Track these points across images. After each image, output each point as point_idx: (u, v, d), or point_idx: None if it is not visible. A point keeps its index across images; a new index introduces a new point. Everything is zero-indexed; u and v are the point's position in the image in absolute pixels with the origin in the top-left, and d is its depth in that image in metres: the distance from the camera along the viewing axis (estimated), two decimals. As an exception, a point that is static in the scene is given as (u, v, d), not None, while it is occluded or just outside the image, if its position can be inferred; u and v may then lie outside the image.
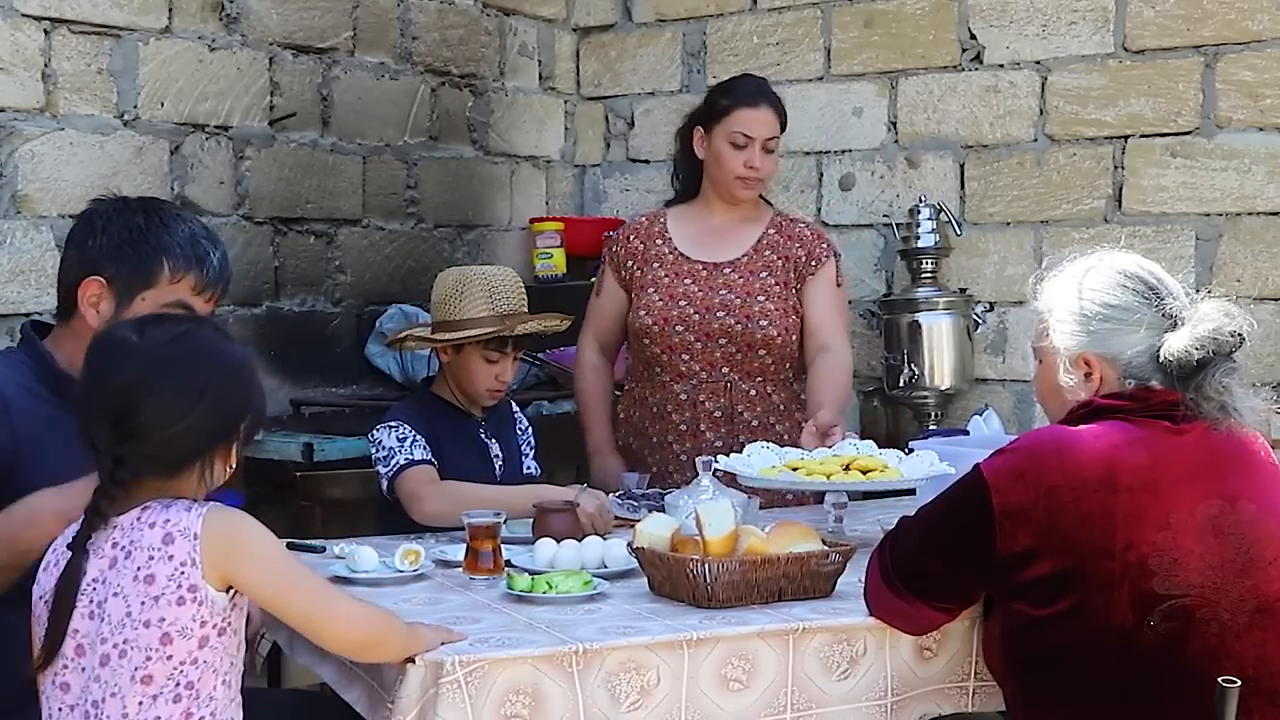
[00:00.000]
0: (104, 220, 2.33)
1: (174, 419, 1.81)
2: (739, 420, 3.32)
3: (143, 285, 2.29)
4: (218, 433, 1.87)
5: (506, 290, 3.03)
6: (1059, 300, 2.18)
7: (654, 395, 3.38)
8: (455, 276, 3.08)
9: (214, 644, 1.78)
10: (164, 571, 1.75)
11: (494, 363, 3.01)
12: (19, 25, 3.40)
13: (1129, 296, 2.12)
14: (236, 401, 1.89)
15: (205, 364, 1.87)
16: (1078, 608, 1.97)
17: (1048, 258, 4.27)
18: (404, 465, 2.88)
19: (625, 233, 3.51)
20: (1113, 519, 1.96)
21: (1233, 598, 1.96)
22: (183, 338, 1.88)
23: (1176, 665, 1.95)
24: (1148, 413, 2.05)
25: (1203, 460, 2.02)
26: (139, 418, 1.81)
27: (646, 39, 5.05)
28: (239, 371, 1.91)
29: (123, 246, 2.29)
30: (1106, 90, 4.28)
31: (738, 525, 2.25)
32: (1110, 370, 2.11)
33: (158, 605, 1.75)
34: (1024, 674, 2.07)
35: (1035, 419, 4.32)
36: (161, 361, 1.84)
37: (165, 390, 1.82)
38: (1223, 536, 1.98)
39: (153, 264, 2.29)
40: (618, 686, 1.96)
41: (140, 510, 1.79)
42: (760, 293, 3.33)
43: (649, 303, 3.35)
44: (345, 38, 4.23)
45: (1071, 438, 2.05)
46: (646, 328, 3.35)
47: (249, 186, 3.95)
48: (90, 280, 2.28)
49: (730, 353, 3.32)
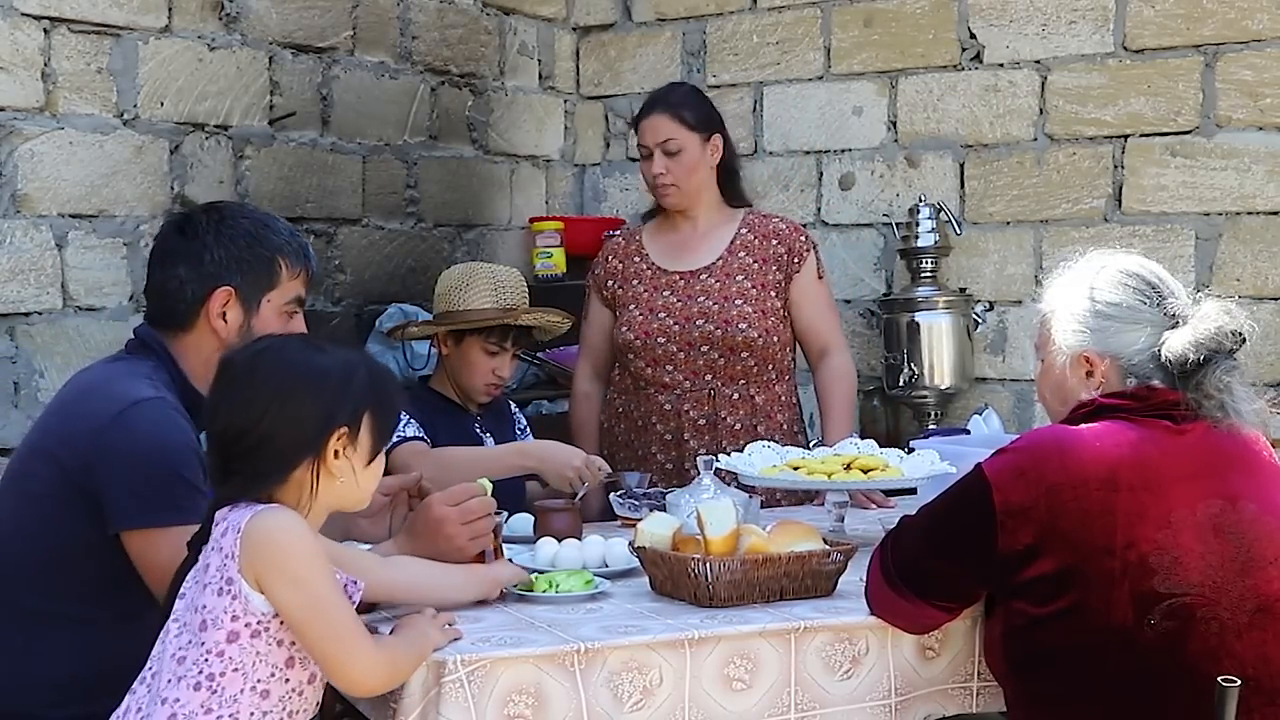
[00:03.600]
0: (211, 232, 2.35)
1: (246, 427, 1.85)
2: (723, 426, 3.33)
3: (268, 288, 2.35)
4: (300, 442, 1.86)
5: (510, 285, 3.10)
6: (1061, 300, 2.18)
7: (638, 408, 3.39)
8: (460, 270, 3.16)
9: (244, 644, 1.79)
10: (215, 562, 1.82)
11: (494, 355, 3.06)
12: (18, 24, 3.40)
13: (1130, 295, 2.12)
14: (316, 410, 1.87)
15: (275, 375, 1.88)
16: (1078, 606, 1.97)
17: (1047, 257, 4.35)
18: (396, 442, 2.91)
19: (604, 254, 3.55)
20: (1113, 517, 1.96)
21: (1233, 597, 1.97)
22: (263, 352, 1.93)
23: (1176, 664, 1.95)
24: (1149, 412, 2.05)
25: (1203, 459, 2.03)
26: (215, 427, 1.89)
27: (646, 38, 5.05)
28: (315, 380, 1.89)
29: (242, 254, 2.34)
30: (1106, 90, 4.28)
31: (739, 524, 2.25)
32: (1112, 369, 2.12)
33: (204, 592, 1.81)
34: (1024, 673, 2.08)
35: (1035, 418, 4.33)
36: (238, 376, 1.91)
37: (237, 401, 1.87)
38: (1223, 535, 1.99)
39: (272, 265, 2.36)
40: (620, 686, 1.96)
41: (229, 509, 1.85)
42: (738, 296, 3.34)
43: (630, 319, 3.37)
44: (345, 37, 4.22)
45: (1073, 437, 2.05)
46: (629, 343, 3.36)
47: (249, 186, 3.94)
48: (219, 291, 2.32)
49: (712, 359, 3.33)
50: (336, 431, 1.88)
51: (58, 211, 3.49)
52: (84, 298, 3.53)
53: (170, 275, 2.35)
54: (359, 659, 1.83)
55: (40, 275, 3.45)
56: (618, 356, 3.45)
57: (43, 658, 2.19)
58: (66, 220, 3.51)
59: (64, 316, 3.50)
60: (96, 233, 3.56)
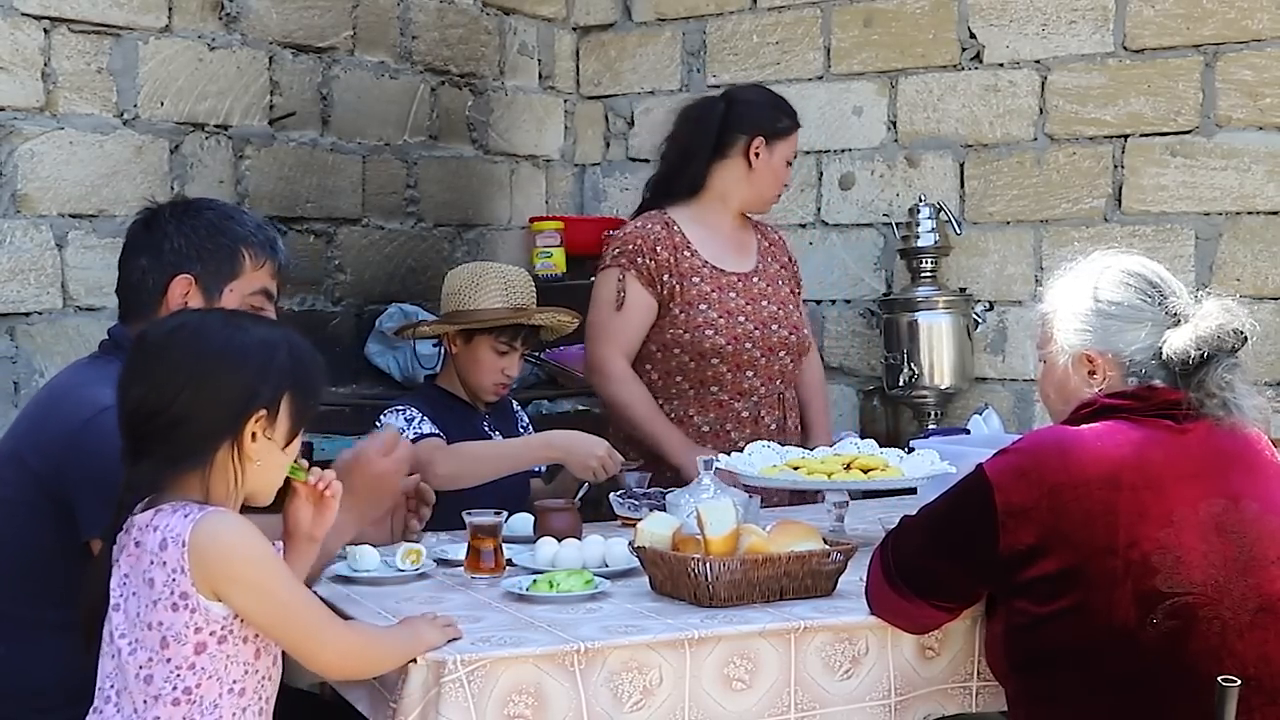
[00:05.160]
0: (173, 222, 2.34)
1: (159, 407, 1.77)
2: (788, 430, 3.39)
3: (229, 277, 2.32)
4: (216, 424, 1.79)
5: (520, 285, 3.12)
6: (1063, 300, 2.18)
7: (704, 414, 3.31)
8: (470, 269, 3.18)
9: (213, 651, 1.76)
10: (160, 577, 1.75)
11: (503, 354, 3.08)
12: (19, 24, 3.40)
13: (1132, 295, 2.12)
14: (233, 391, 1.79)
15: (190, 353, 1.80)
16: (1080, 605, 1.97)
17: (1047, 257, 4.35)
18: (414, 439, 2.92)
19: (647, 244, 3.29)
20: (1116, 517, 1.96)
21: (1235, 596, 1.97)
22: (178, 329, 1.85)
23: (1178, 663, 1.95)
24: (1151, 411, 2.06)
25: (1205, 459, 2.03)
26: (126, 406, 1.81)
27: (646, 38, 5.05)
28: (233, 359, 1.80)
29: (203, 243, 2.32)
30: (1106, 89, 4.28)
31: (739, 524, 2.25)
32: (1113, 368, 2.12)
33: (156, 609, 1.75)
34: (1025, 672, 2.07)
35: (1035, 418, 4.33)
36: (151, 352, 1.83)
37: (148, 381, 1.80)
38: (1225, 535, 1.99)
39: (235, 255, 2.33)
40: (620, 686, 1.96)
41: (153, 513, 1.78)
42: (789, 301, 3.45)
43: (710, 320, 3.28)
44: (345, 37, 4.22)
45: (1074, 437, 2.05)
46: (719, 347, 3.27)
47: (249, 186, 3.95)
48: (179, 279, 2.30)
49: (785, 365, 3.39)
50: (254, 414, 1.80)
51: (58, 211, 3.49)
52: (84, 297, 3.54)
53: (134, 266, 2.35)
54: (331, 645, 1.84)
55: (40, 275, 3.45)
56: (684, 359, 3.31)
57: (25, 665, 2.17)
58: (66, 220, 3.51)
59: (64, 316, 3.50)
60: (96, 232, 3.56)
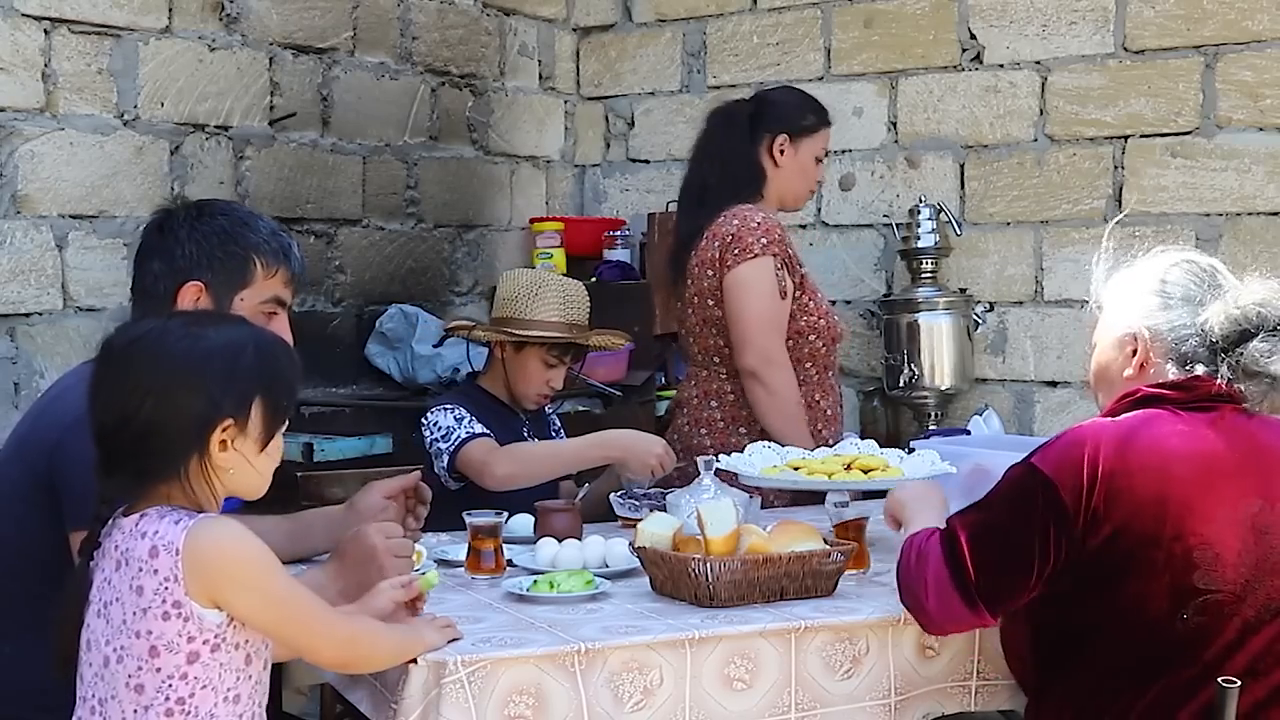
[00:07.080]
0: (186, 227, 2.32)
1: (125, 419, 1.75)
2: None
3: (240, 285, 2.30)
4: (183, 437, 1.76)
5: (578, 301, 3.13)
6: (1115, 286, 2.17)
7: (826, 398, 3.37)
8: (530, 277, 3.17)
9: (206, 660, 1.74)
10: (150, 585, 1.72)
11: (551, 367, 3.09)
12: (19, 25, 3.40)
13: (1181, 274, 2.12)
14: (196, 403, 1.75)
15: (151, 365, 1.78)
16: (1116, 591, 1.97)
17: (1048, 258, 4.35)
18: (467, 438, 2.93)
19: (783, 235, 3.29)
20: (1164, 507, 1.94)
21: (1259, 596, 1.96)
22: (140, 339, 1.82)
23: (1198, 659, 1.95)
24: (1194, 404, 2.04)
25: (1246, 457, 2.01)
26: (94, 416, 1.79)
27: (646, 39, 5.05)
28: (195, 370, 1.77)
29: (215, 250, 2.30)
30: (1106, 90, 4.28)
31: (739, 524, 2.25)
32: (1157, 352, 2.09)
33: (145, 617, 1.72)
34: (1047, 657, 2.07)
35: (1035, 418, 4.32)
36: (114, 363, 1.81)
37: (111, 393, 1.78)
38: (1259, 535, 1.97)
39: (246, 263, 2.31)
40: (621, 686, 1.96)
41: (139, 518, 1.76)
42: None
43: (828, 309, 3.39)
44: (345, 38, 4.22)
45: (1121, 428, 2.02)
46: (842, 333, 3.47)
47: (249, 186, 3.95)
48: (189, 286, 2.28)
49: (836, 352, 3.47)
50: (219, 424, 1.77)
51: (58, 212, 3.49)
52: (84, 298, 3.54)
53: (146, 270, 2.34)
54: (329, 639, 1.84)
55: (41, 276, 3.45)
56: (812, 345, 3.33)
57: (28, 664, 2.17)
58: (67, 221, 3.51)
59: (64, 317, 3.50)
60: (97, 233, 3.57)
